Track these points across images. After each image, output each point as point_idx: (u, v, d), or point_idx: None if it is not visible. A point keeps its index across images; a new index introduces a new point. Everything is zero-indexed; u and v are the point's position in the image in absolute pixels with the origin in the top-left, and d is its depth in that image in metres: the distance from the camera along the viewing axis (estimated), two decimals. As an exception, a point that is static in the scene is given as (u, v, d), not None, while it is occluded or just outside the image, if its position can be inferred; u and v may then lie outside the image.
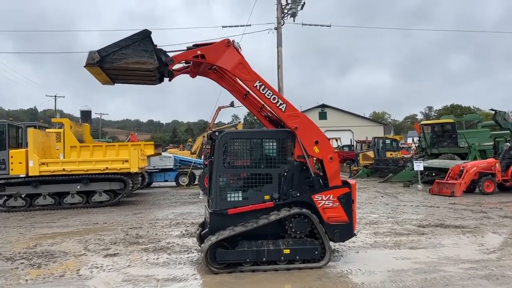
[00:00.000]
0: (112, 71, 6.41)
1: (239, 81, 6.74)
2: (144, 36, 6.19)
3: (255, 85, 6.48)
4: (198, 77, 7.01)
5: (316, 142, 6.55)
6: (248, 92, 6.92)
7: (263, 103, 6.80)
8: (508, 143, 16.72)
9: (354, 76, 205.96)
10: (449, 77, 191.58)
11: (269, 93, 6.51)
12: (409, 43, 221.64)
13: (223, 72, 6.83)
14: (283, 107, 6.50)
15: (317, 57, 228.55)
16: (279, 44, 22.99)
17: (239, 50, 6.61)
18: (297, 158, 6.54)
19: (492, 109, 20.62)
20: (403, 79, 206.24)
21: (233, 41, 6.48)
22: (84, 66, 6.18)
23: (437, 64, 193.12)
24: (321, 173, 6.76)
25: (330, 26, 26.03)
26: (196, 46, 6.50)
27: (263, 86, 6.50)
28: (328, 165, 6.60)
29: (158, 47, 6.34)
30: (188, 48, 6.47)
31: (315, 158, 6.77)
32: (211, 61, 6.45)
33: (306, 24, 25.40)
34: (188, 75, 6.92)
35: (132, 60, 6.12)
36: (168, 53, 6.42)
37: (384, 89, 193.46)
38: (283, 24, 23.72)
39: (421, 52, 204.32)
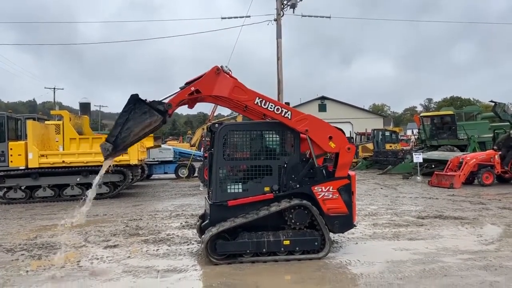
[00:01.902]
0: (128, 146, 6.56)
1: None
2: (135, 101, 6.28)
3: (255, 102, 6.45)
4: (196, 67, 6.96)
5: (330, 138, 6.56)
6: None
7: (267, 115, 6.69)
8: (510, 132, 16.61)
9: (355, 67, 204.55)
10: (452, 68, 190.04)
11: (271, 105, 6.46)
12: (412, 34, 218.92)
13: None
14: (288, 114, 6.47)
15: (319, 49, 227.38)
16: (279, 35, 22.87)
17: (230, 73, 6.59)
18: (316, 155, 6.56)
19: (491, 101, 20.60)
20: (405, 70, 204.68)
21: (221, 66, 6.44)
22: (104, 161, 6.43)
23: (440, 56, 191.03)
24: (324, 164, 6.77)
25: (330, 17, 25.91)
26: (188, 83, 6.51)
27: (263, 101, 6.45)
28: (344, 155, 6.60)
29: (149, 101, 6.36)
30: (181, 88, 6.47)
31: (333, 154, 6.75)
32: (206, 93, 6.45)
33: (305, 16, 25.28)
34: (186, 106, 6.90)
35: (139, 128, 6.24)
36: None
37: (385, 81, 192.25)
38: (283, 15, 23.58)
39: (424, 43, 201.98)
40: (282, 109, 6.48)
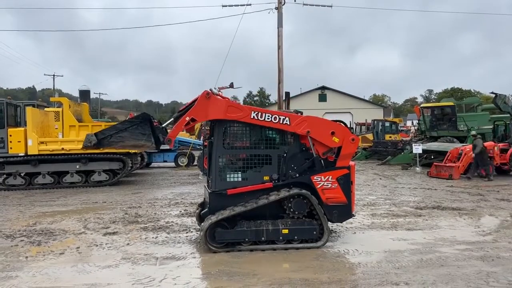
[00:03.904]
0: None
1: None
2: (143, 119, 6.29)
3: (252, 117, 6.39)
4: (197, 58, 6.94)
5: (333, 133, 6.56)
6: None
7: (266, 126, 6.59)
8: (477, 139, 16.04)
9: (358, 58, 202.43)
10: (455, 59, 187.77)
11: (268, 116, 6.42)
12: (416, 24, 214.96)
13: None
14: (287, 121, 6.45)
15: (322, 39, 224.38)
16: (280, 24, 22.65)
17: (221, 93, 6.56)
18: (322, 156, 6.59)
19: (492, 92, 20.54)
20: (407, 61, 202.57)
21: (210, 89, 6.39)
22: (82, 148, 6.50)
23: (444, 46, 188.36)
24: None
25: (331, 6, 25.69)
26: (180, 111, 6.51)
27: (259, 114, 6.41)
28: (347, 146, 6.62)
29: (158, 125, 6.42)
30: (175, 119, 6.44)
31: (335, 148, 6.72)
32: (202, 119, 6.48)
33: (306, 4, 25.05)
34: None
35: (130, 143, 6.28)
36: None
37: (387, 71, 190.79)
38: (284, 4, 23.32)
39: (428, 34, 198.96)
40: (280, 117, 6.45)
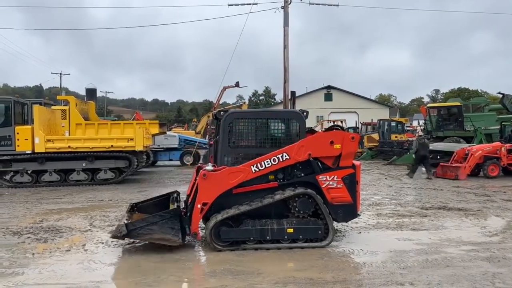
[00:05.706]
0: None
1: None
2: (173, 215, 6.35)
3: (253, 171, 6.36)
4: (204, 57, 6.90)
5: (332, 142, 6.54)
6: None
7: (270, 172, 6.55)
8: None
9: (365, 57, 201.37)
10: (465, 59, 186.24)
11: (268, 161, 6.38)
12: (426, 24, 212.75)
13: None
14: (286, 155, 6.42)
15: (329, 38, 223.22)
16: (286, 23, 22.59)
17: (215, 165, 6.55)
18: (332, 165, 6.59)
19: (499, 93, 20.41)
20: (415, 61, 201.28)
21: (204, 169, 6.36)
22: (110, 237, 6.58)
23: (454, 46, 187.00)
24: None
25: (337, 5, 25.59)
26: (189, 204, 6.51)
27: (258, 164, 6.37)
28: (348, 145, 6.57)
29: (186, 215, 6.43)
30: (190, 211, 6.40)
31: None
32: (212, 199, 6.31)
33: (313, 3, 24.99)
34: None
35: (157, 236, 6.25)
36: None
37: (394, 71, 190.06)
38: (290, 3, 23.29)
39: (437, 33, 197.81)
40: (278, 156, 6.41)
